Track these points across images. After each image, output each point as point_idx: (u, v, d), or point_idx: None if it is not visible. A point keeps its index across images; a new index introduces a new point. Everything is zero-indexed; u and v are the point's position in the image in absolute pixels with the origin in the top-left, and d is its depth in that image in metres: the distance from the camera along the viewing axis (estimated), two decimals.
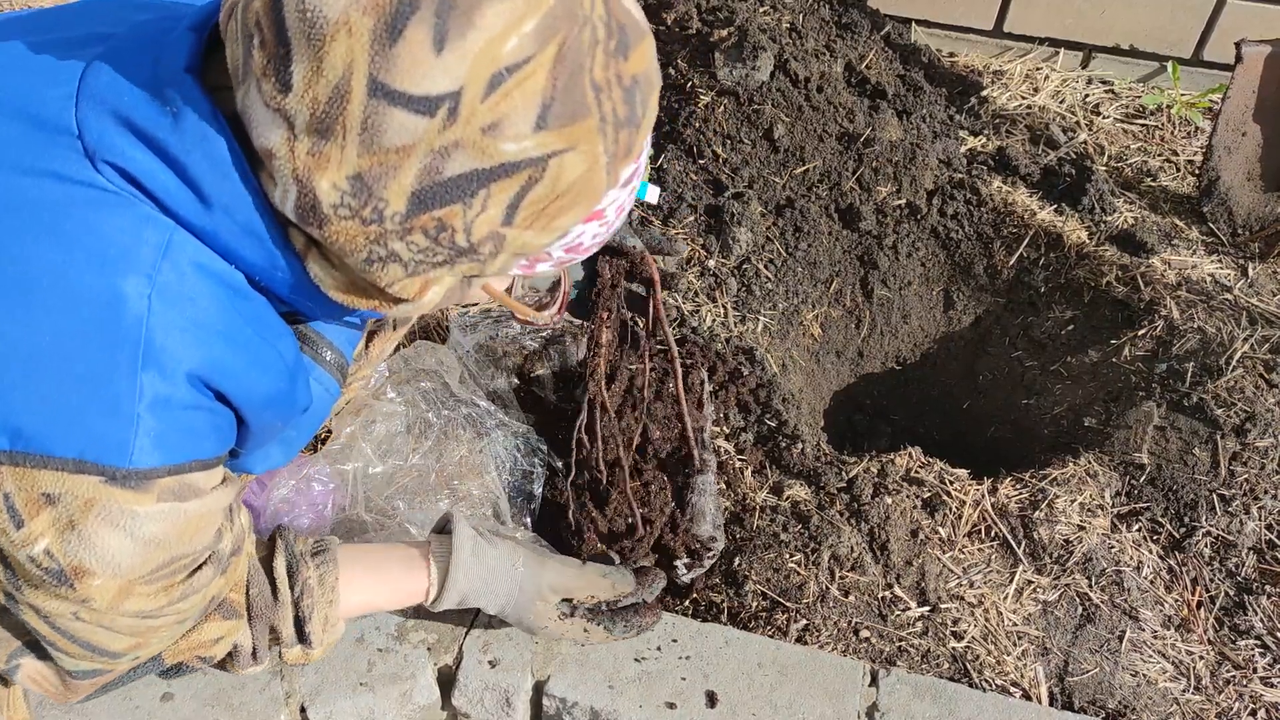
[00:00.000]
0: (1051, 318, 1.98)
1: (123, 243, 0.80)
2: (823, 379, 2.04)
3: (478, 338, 1.68)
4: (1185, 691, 1.41)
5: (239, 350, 0.87)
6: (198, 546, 0.92)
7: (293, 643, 1.12)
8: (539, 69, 0.73)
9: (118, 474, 0.82)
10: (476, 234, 0.80)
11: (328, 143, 0.74)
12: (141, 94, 0.80)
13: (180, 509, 0.87)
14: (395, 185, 0.76)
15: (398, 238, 0.79)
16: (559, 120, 0.76)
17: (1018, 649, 1.43)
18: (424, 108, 0.72)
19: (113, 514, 0.84)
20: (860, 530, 1.52)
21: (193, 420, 0.85)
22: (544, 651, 1.32)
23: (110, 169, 0.80)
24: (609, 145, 0.80)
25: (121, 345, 0.80)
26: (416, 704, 1.31)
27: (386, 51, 0.70)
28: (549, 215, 0.81)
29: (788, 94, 2.02)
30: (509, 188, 0.77)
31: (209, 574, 0.96)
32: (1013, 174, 2.12)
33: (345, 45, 0.71)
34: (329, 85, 0.72)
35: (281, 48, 0.73)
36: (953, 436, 2.07)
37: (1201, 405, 1.66)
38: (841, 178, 2.02)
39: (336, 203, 0.77)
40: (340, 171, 0.75)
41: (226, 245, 0.84)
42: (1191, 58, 2.36)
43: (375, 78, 0.71)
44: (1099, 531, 1.55)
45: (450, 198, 0.77)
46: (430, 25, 0.70)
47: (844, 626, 1.42)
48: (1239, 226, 2.02)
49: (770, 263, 1.95)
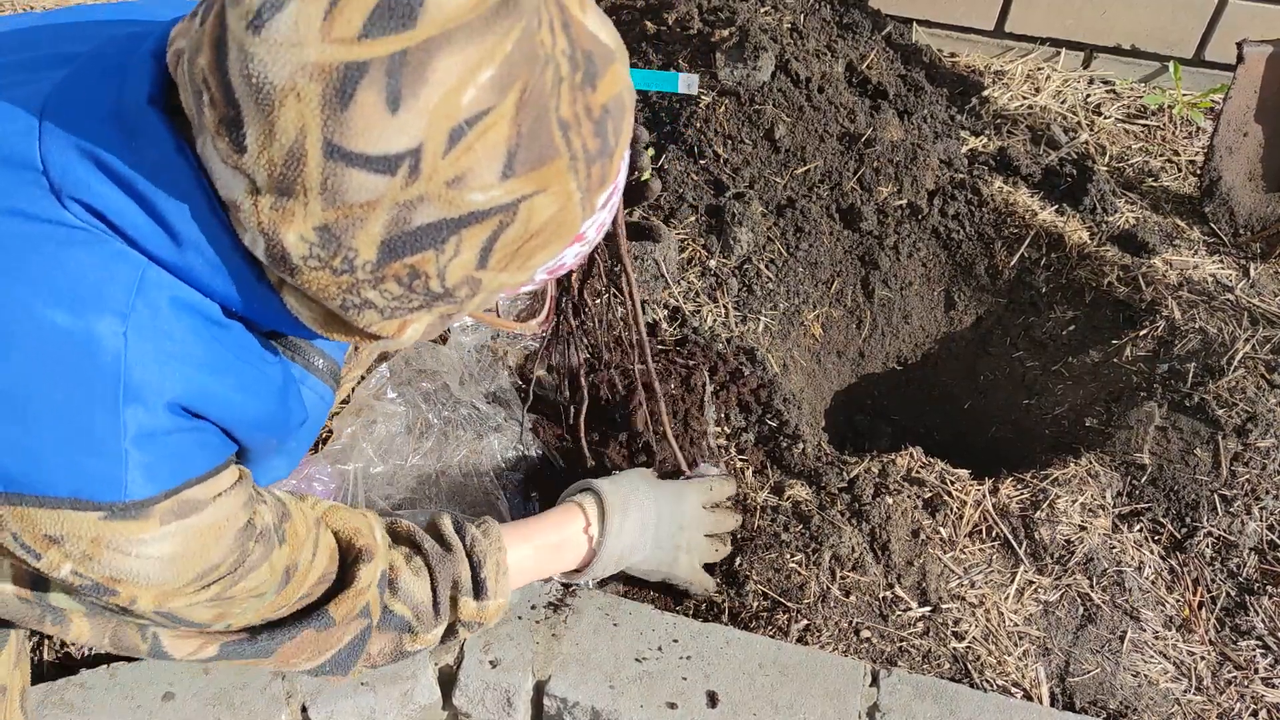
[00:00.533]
0: (1053, 318, 1.98)
1: (94, 281, 0.79)
2: (824, 379, 2.04)
3: (478, 338, 1.68)
4: (1186, 692, 1.41)
5: (223, 377, 0.86)
6: (223, 552, 0.91)
7: (469, 592, 1.14)
8: (500, 119, 0.71)
9: (115, 508, 0.81)
10: (451, 279, 0.78)
11: (290, 200, 0.72)
12: (106, 127, 0.79)
13: (185, 525, 0.86)
14: (364, 235, 0.74)
15: (370, 286, 0.78)
16: (526, 166, 0.74)
17: (1019, 649, 1.43)
18: (383, 167, 0.70)
19: (121, 544, 0.84)
20: (861, 530, 1.52)
21: (178, 444, 0.85)
22: (545, 651, 1.32)
23: (77, 205, 0.79)
24: (581, 181, 0.78)
25: (100, 384, 0.79)
26: (417, 704, 1.31)
27: (338, 115, 0.68)
28: (524, 255, 0.80)
29: (789, 94, 2.02)
30: (480, 233, 0.76)
31: (260, 552, 0.95)
32: (1014, 174, 2.12)
33: (295, 110, 0.68)
34: (283, 149, 0.70)
35: (231, 109, 0.70)
36: (954, 436, 2.07)
37: (1203, 405, 1.65)
38: (843, 178, 2.02)
39: (305, 254, 0.75)
40: (306, 224, 0.73)
41: (199, 280, 0.83)
42: (1193, 58, 2.35)
43: (330, 140, 0.69)
44: (1100, 532, 1.55)
45: (421, 245, 0.75)
46: (381, 86, 0.68)
47: (845, 627, 1.42)
48: (1240, 227, 2.02)
49: (771, 263, 1.95)
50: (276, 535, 0.99)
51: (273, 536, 0.98)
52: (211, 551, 0.90)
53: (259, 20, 0.68)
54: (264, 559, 0.96)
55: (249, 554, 0.94)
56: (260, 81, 0.68)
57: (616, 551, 1.29)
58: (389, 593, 1.11)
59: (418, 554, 1.14)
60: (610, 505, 1.26)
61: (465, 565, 1.14)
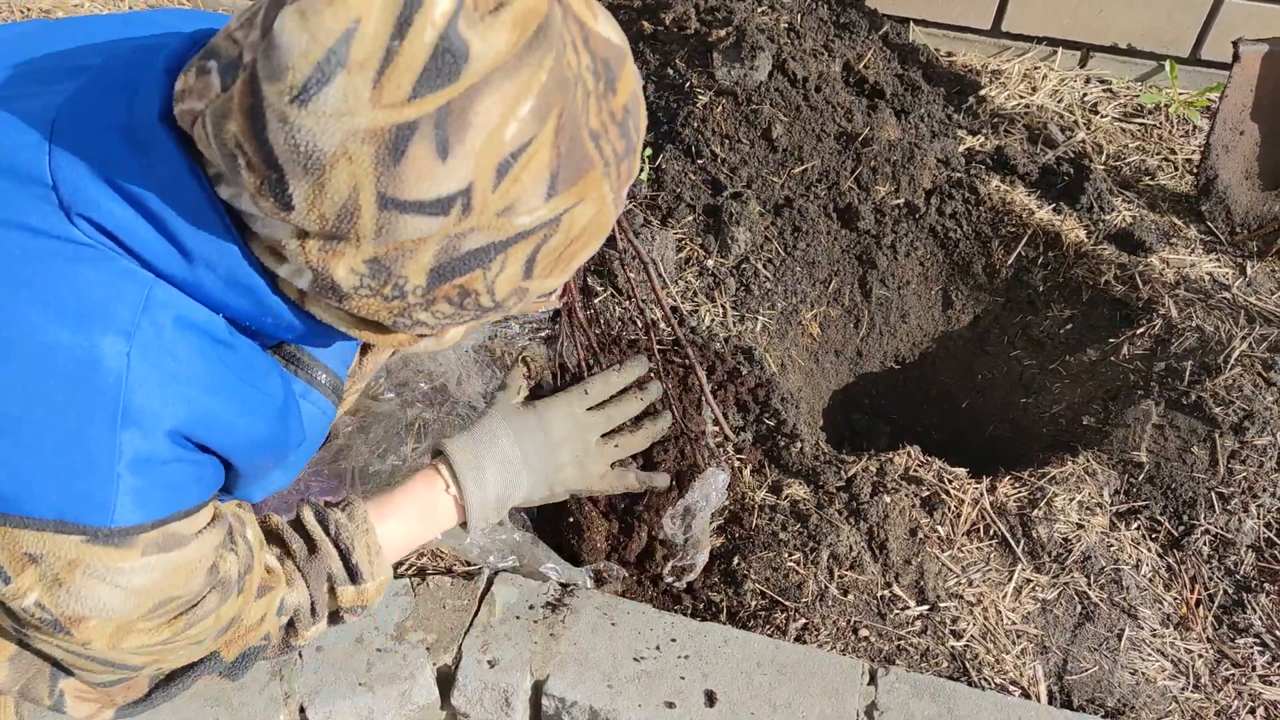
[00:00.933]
0: (1050, 317, 1.98)
1: (99, 299, 0.79)
2: (821, 378, 2.04)
3: (476, 338, 1.68)
4: (1184, 690, 1.41)
5: (225, 400, 0.86)
6: (191, 589, 0.91)
7: (345, 581, 1.12)
8: (542, 146, 0.73)
9: (100, 533, 0.81)
10: (500, 293, 0.81)
11: (342, 243, 0.74)
12: (117, 143, 0.79)
13: (166, 559, 0.86)
14: (413, 265, 0.76)
15: (422, 309, 0.80)
16: (567, 183, 0.76)
17: (1017, 647, 1.43)
18: (437, 209, 0.72)
19: (98, 571, 0.82)
20: (859, 529, 1.52)
21: (174, 474, 0.84)
22: (543, 651, 1.33)
23: (86, 222, 0.79)
24: (613, 183, 0.81)
25: (99, 405, 0.78)
26: (415, 704, 1.31)
27: (391, 171, 0.70)
28: (566, 259, 0.82)
29: (786, 94, 2.02)
30: (525, 248, 0.78)
31: (214, 601, 0.95)
32: (1011, 173, 2.12)
33: (347, 171, 0.70)
34: (335, 205, 0.71)
35: (274, 172, 0.71)
36: (952, 435, 2.07)
37: (1200, 404, 1.66)
38: (840, 177, 2.02)
39: (356, 285, 0.77)
40: (357, 259, 0.75)
41: (210, 296, 0.83)
42: (1189, 57, 2.36)
43: (384, 194, 0.71)
44: (1098, 530, 1.55)
45: (468, 267, 0.77)
46: (432, 139, 0.69)
47: (843, 625, 1.42)
48: (1237, 225, 2.03)
49: (769, 262, 1.95)
50: (236, 586, 0.98)
51: (232, 588, 0.97)
52: (176, 588, 0.89)
53: (305, 95, 0.68)
54: (215, 609, 0.95)
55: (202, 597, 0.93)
56: (310, 149, 0.69)
57: (489, 502, 1.23)
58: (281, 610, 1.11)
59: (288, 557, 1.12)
60: (460, 465, 1.21)
61: (335, 557, 1.11)
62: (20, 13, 2.53)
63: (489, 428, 1.25)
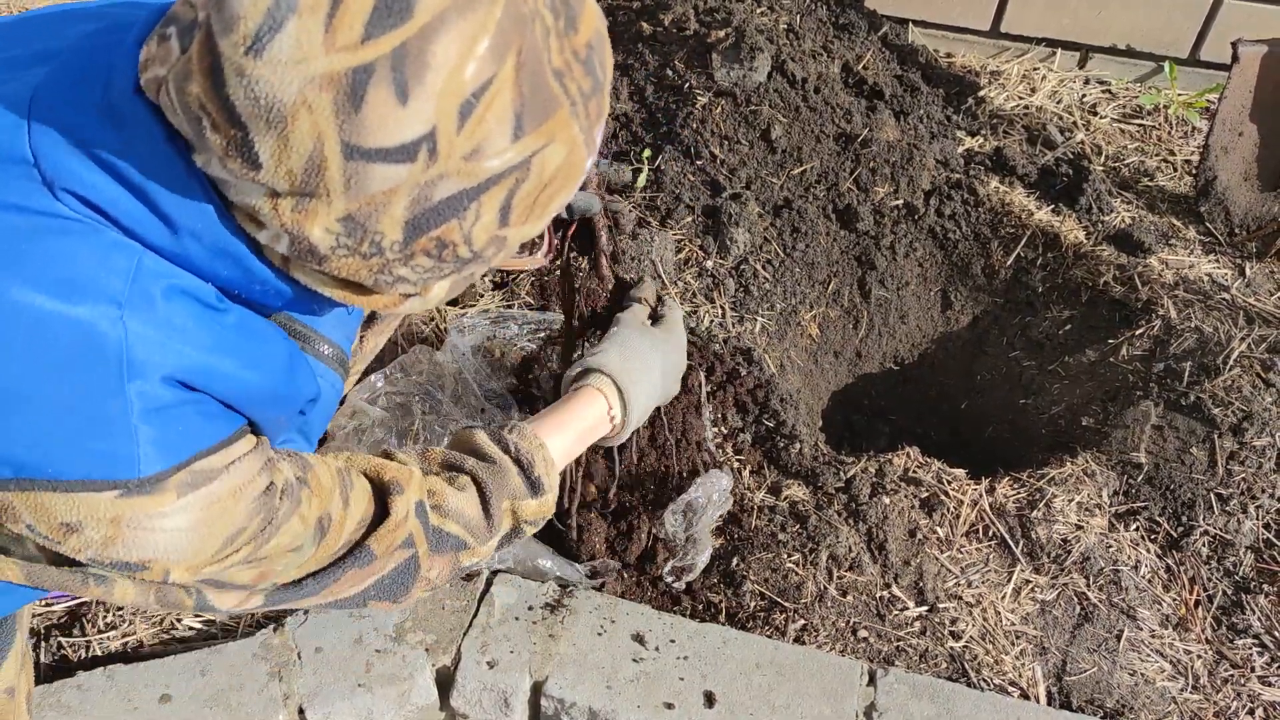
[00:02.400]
0: (1049, 317, 1.98)
1: (90, 270, 0.79)
2: (821, 379, 2.04)
3: (474, 339, 1.68)
4: (1183, 690, 1.41)
5: (226, 356, 0.87)
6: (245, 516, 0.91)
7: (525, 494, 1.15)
8: (504, 85, 0.73)
9: (130, 485, 0.82)
10: (478, 242, 0.81)
11: (313, 200, 0.74)
12: (95, 119, 0.79)
13: (202, 494, 0.87)
14: (387, 219, 0.76)
15: (401, 264, 0.80)
16: (534, 123, 0.76)
17: (1016, 648, 1.43)
18: (402, 156, 0.72)
19: (140, 521, 0.84)
20: (858, 530, 1.52)
21: (184, 416, 0.85)
22: (542, 652, 1.32)
23: (70, 196, 0.79)
24: (582, 122, 0.80)
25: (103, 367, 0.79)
26: (414, 705, 1.31)
27: (353, 118, 0.70)
28: (542, 204, 0.82)
29: (785, 95, 2.02)
30: (498, 195, 0.78)
31: (288, 507, 0.96)
32: (1010, 174, 2.13)
33: (309, 122, 0.70)
34: (302, 159, 0.71)
35: (238, 130, 0.71)
36: (951, 436, 2.07)
37: (1199, 404, 1.66)
38: (839, 178, 2.02)
39: (333, 245, 0.77)
40: (330, 217, 0.75)
41: (198, 266, 0.84)
42: (1188, 58, 2.36)
43: (348, 143, 0.71)
44: (1097, 531, 1.55)
45: (444, 217, 0.77)
46: (390, 81, 0.69)
47: (842, 626, 1.42)
48: (1236, 226, 2.03)
49: (768, 263, 1.95)
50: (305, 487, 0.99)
51: (296, 490, 0.98)
52: (233, 516, 0.90)
53: (258, 44, 0.68)
54: (292, 513, 0.96)
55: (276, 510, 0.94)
56: (269, 101, 0.69)
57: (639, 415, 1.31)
58: (436, 515, 1.11)
59: (460, 473, 1.14)
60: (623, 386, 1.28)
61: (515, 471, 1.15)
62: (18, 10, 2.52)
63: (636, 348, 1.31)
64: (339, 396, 1.13)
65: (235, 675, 1.27)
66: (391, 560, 1.07)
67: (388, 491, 1.07)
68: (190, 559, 0.88)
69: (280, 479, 0.96)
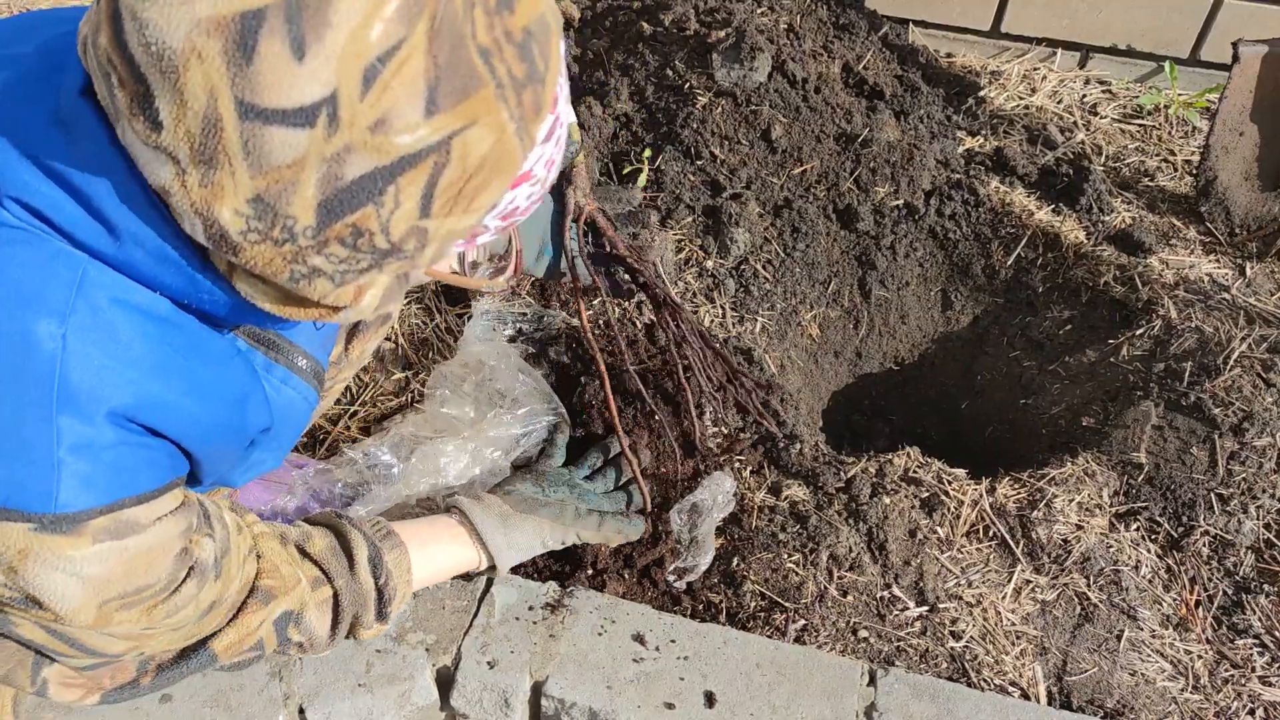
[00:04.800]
0: (1049, 317, 1.98)
1: (32, 281, 0.77)
2: (821, 379, 2.04)
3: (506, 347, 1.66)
4: (1183, 691, 1.41)
5: (171, 382, 0.84)
6: (155, 578, 0.89)
7: (371, 624, 1.19)
8: (414, 51, 0.68)
9: (45, 520, 0.79)
10: (395, 232, 0.76)
11: (217, 171, 0.71)
12: (46, 124, 0.77)
13: (120, 546, 0.84)
14: (298, 200, 0.72)
15: (315, 252, 0.76)
16: (450, 99, 0.71)
17: (1016, 648, 1.43)
18: (301, 119, 0.68)
19: (48, 559, 0.81)
20: (858, 530, 1.52)
21: (121, 457, 0.82)
22: (542, 652, 1.32)
23: (16, 205, 0.77)
24: (513, 110, 0.75)
25: (34, 389, 0.77)
26: (415, 705, 1.31)
27: (244, 71, 0.66)
28: (467, 197, 0.77)
29: (785, 95, 2.02)
30: (417, 179, 0.73)
31: (192, 588, 0.94)
32: (1010, 174, 2.13)
33: (200, 73, 0.66)
34: (198, 116, 0.68)
35: (139, 85, 0.69)
36: (951, 436, 2.07)
37: (1199, 405, 1.66)
38: (839, 178, 2.02)
39: (244, 229, 0.73)
40: (238, 197, 0.72)
41: (144, 274, 0.81)
42: (1189, 58, 2.36)
43: (241, 99, 0.67)
44: (1097, 531, 1.55)
45: (359, 200, 0.73)
46: (283, 34, 0.66)
47: (842, 626, 1.42)
48: (1236, 226, 2.03)
49: (768, 263, 1.95)
50: (213, 571, 0.97)
51: (209, 572, 0.96)
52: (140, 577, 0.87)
53: None
54: (194, 595, 0.95)
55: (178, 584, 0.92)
56: (160, 48, 0.66)
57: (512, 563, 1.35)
58: (294, 626, 1.12)
59: (328, 584, 1.14)
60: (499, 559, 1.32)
61: (373, 600, 1.18)
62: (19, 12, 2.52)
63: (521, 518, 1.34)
64: (312, 409, 1.11)
65: (235, 675, 1.27)
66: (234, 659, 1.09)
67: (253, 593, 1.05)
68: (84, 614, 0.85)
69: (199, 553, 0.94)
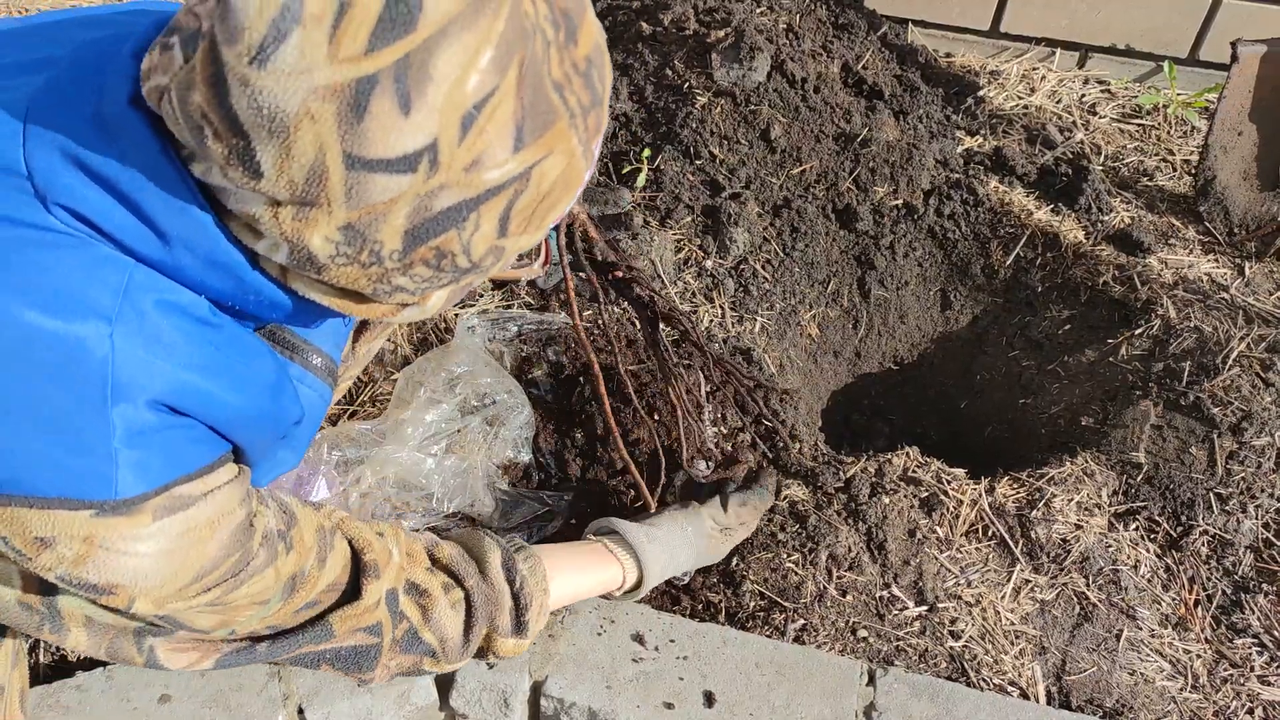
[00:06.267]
0: (1048, 317, 1.98)
1: (80, 285, 0.79)
2: (820, 379, 2.04)
3: (474, 340, 1.68)
4: (1183, 690, 1.41)
5: (213, 377, 0.86)
6: (220, 550, 0.91)
7: (509, 633, 1.17)
8: (505, 97, 0.73)
9: (106, 506, 0.81)
10: (476, 252, 0.81)
11: (313, 209, 0.74)
12: (89, 130, 0.79)
13: (179, 519, 0.86)
14: (388, 228, 0.76)
15: (400, 273, 0.80)
16: (533, 135, 0.76)
17: (1015, 648, 1.43)
18: (404, 167, 0.72)
19: (114, 542, 0.83)
20: (858, 530, 1.52)
21: (169, 440, 0.85)
22: (541, 652, 1.32)
23: (63, 210, 0.79)
24: (581, 135, 0.80)
25: (87, 386, 0.79)
26: (414, 705, 1.31)
27: (355, 129, 0.69)
28: (540, 215, 0.82)
29: (784, 94, 2.02)
30: (498, 206, 0.78)
31: (264, 557, 0.95)
32: (1009, 174, 2.13)
33: (311, 132, 0.69)
34: (304, 168, 0.71)
35: (240, 140, 0.71)
36: (950, 436, 2.07)
37: (1198, 404, 1.66)
38: (838, 178, 2.02)
39: (333, 254, 0.77)
40: (330, 226, 0.75)
41: (190, 277, 0.83)
42: (1188, 57, 2.36)
43: (350, 154, 0.70)
44: (1096, 530, 1.55)
45: (443, 227, 0.77)
46: (393, 93, 0.69)
47: (841, 626, 1.42)
48: (1235, 226, 2.03)
49: (767, 263, 1.95)
50: (283, 541, 0.99)
51: (277, 542, 0.98)
52: (208, 548, 0.89)
53: (263, 54, 0.68)
54: (268, 564, 0.96)
55: (252, 556, 0.94)
56: (273, 111, 0.69)
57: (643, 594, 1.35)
58: (421, 620, 1.12)
59: (458, 586, 1.15)
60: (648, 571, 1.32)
61: (509, 608, 1.17)
62: (18, 12, 2.53)
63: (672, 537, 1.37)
64: (327, 406, 1.12)
65: (234, 675, 1.27)
66: (351, 639, 1.08)
67: (364, 571, 1.07)
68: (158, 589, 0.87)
69: (261, 524, 0.96)
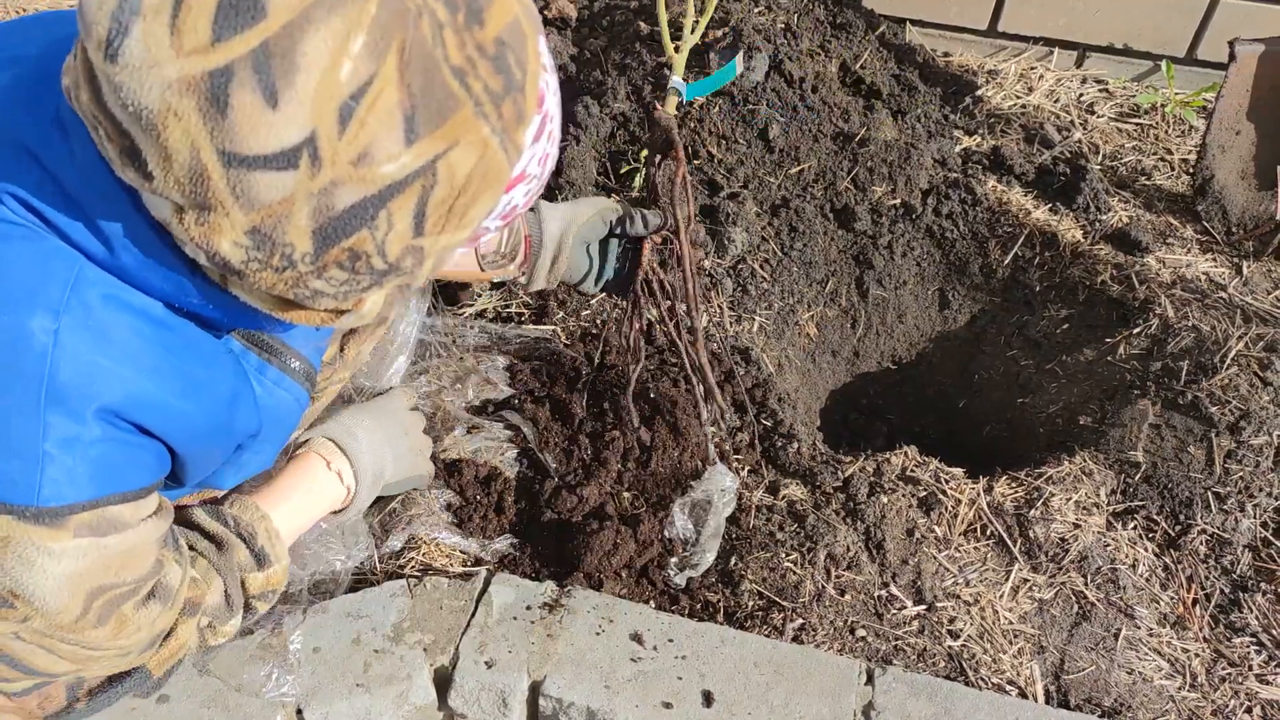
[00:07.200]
0: (1046, 316, 1.98)
1: (28, 277, 0.78)
2: (819, 378, 2.04)
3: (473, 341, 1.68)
4: (1181, 689, 1.41)
5: (162, 381, 0.84)
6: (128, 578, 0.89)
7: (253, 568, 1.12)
8: (386, 85, 0.69)
9: (27, 512, 0.80)
10: (392, 253, 0.77)
11: (211, 213, 0.72)
12: (49, 128, 0.78)
13: (100, 544, 0.84)
14: (294, 229, 0.73)
15: (315, 276, 0.77)
16: (429, 125, 0.72)
17: (1014, 647, 1.43)
18: (284, 162, 0.69)
19: (28, 550, 0.81)
20: (856, 529, 1.52)
21: (107, 454, 0.83)
22: (540, 652, 1.32)
23: (14, 201, 0.78)
24: (494, 124, 0.75)
25: (23, 383, 0.78)
26: (413, 705, 1.31)
27: (221, 124, 0.67)
28: (459, 212, 0.78)
29: (782, 94, 2.02)
30: (406, 203, 0.74)
31: (156, 608, 0.94)
32: (1007, 173, 2.13)
33: (179, 129, 0.67)
34: (184, 168, 0.69)
35: (125, 140, 0.70)
36: (949, 435, 2.07)
37: (1196, 403, 1.66)
38: (836, 178, 2.02)
39: (245, 259, 0.75)
40: (235, 231, 0.73)
41: (136, 279, 0.82)
42: (1185, 57, 2.36)
43: (223, 150, 0.68)
44: (1094, 529, 1.56)
45: (352, 227, 0.74)
46: (253, 85, 0.66)
47: (840, 625, 1.42)
48: (1233, 225, 2.03)
49: (766, 263, 1.95)
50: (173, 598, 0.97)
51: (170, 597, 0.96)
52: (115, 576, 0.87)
53: (111, 49, 0.66)
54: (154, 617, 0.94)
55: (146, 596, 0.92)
56: (137, 109, 0.67)
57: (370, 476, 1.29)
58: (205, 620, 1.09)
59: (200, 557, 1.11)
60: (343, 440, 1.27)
61: (240, 546, 1.11)
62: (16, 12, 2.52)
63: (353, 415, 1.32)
64: (304, 410, 1.11)
65: (234, 675, 1.27)
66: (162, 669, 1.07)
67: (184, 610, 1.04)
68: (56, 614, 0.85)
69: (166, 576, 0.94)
